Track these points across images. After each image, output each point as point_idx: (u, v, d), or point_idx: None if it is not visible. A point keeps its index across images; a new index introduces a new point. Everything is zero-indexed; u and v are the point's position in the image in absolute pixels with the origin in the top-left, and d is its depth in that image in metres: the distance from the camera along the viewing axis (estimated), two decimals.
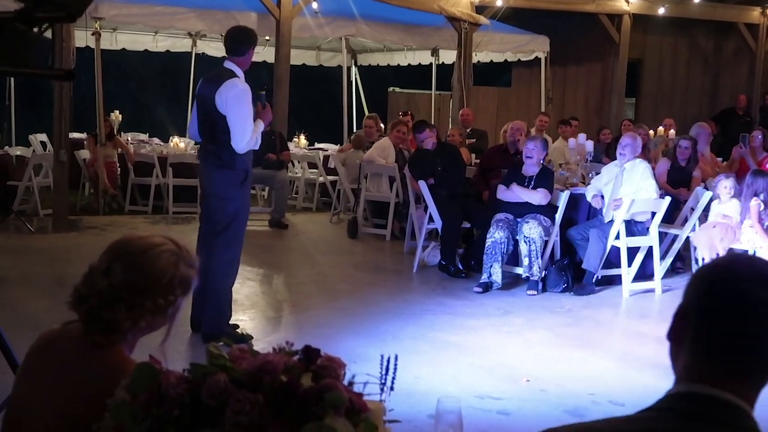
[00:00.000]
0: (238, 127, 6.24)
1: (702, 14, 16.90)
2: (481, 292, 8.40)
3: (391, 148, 11.54)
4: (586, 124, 15.66)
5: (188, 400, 1.82)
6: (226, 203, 6.44)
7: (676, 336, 1.76)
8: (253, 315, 7.45)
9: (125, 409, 1.90)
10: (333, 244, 11.15)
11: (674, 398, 1.71)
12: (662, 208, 8.62)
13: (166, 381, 1.86)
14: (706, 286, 1.72)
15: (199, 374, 1.86)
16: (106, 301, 2.31)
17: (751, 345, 1.67)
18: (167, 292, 2.37)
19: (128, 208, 12.87)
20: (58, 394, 2.29)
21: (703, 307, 1.70)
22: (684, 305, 1.76)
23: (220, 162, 6.40)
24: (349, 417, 1.82)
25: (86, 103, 13.92)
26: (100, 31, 13.00)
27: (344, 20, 14.16)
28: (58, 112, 11.06)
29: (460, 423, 2.51)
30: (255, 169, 7.64)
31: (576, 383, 5.96)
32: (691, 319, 1.72)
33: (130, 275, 2.33)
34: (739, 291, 1.67)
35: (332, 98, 18.70)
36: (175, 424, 1.81)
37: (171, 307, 2.39)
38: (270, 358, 1.86)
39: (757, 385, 1.70)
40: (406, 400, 5.01)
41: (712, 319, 1.68)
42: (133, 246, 2.40)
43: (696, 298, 1.73)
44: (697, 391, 1.68)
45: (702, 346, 1.70)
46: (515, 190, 8.76)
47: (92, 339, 2.33)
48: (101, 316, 2.31)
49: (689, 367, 1.72)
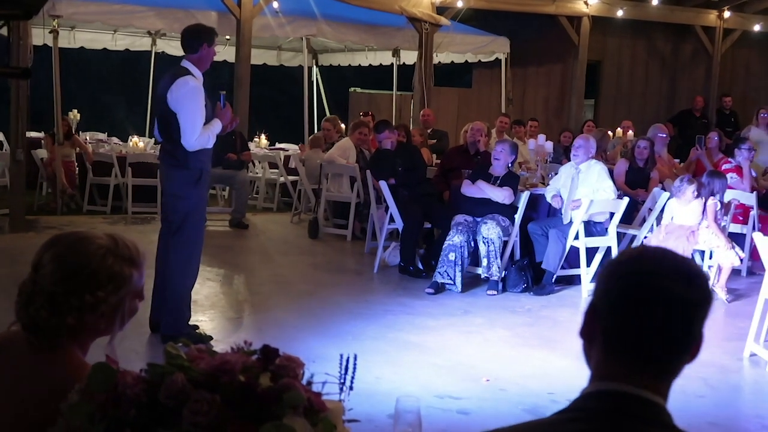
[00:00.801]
0: (187, 124, 6.19)
1: (660, 17, 17.10)
2: (433, 293, 8.39)
3: (353, 148, 11.54)
4: (545, 126, 15.77)
5: (145, 400, 1.81)
6: (179, 202, 6.39)
7: (587, 334, 1.76)
8: (213, 315, 7.41)
9: (81, 411, 1.88)
10: (294, 244, 11.13)
11: (588, 398, 1.70)
12: (621, 208, 8.71)
13: (122, 381, 1.84)
14: (614, 282, 1.71)
15: (156, 374, 1.85)
16: (28, 298, 2.22)
17: (660, 339, 1.67)
18: (94, 287, 2.22)
19: (87, 208, 12.76)
20: (9, 400, 2.24)
21: (612, 303, 1.69)
22: (593, 302, 1.75)
23: (174, 161, 6.35)
24: (308, 416, 1.82)
25: (44, 102, 13.76)
26: (58, 29, 12.84)
27: (305, 20, 14.14)
28: (15, 111, 10.92)
29: (419, 422, 2.52)
30: (215, 169, 7.62)
31: (535, 382, 5.99)
32: (600, 316, 1.72)
33: (54, 267, 2.21)
34: (646, 285, 1.66)
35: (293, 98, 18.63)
36: (132, 424, 1.79)
37: (105, 305, 2.24)
38: (228, 358, 1.86)
39: (668, 378, 1.71)
40: (366, 400, 5.01)
41: (620, 315, 1.68)
42: (64, 238, 2.29)
43: (604, 295, 1.72)
44: (609, 388, 1.68)
45: (612, 342, 1.70)
46: (481, 186, 8.79)
47: (31, 342, 2.24)
48: (27, 314, 2.22)
49: (601, 365, 1.72)
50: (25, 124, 11.21)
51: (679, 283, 1.65)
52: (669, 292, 1.65)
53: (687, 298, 1.66)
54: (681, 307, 1.66)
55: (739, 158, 10.23)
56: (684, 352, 1.70)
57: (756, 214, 9.74)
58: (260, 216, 13.22)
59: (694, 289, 1.67)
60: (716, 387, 6.13)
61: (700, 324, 1.69)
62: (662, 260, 1.69)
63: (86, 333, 2.30)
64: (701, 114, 16.56)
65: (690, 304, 1.67)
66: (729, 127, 15.84)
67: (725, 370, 6.48)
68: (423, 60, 14.44)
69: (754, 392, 6.31)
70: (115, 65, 21.08)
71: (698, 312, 1.68)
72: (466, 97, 18.44)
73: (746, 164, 10.17)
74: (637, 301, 1.66)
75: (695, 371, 6.26)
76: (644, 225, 9.19)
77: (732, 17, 17.57)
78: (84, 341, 2.33)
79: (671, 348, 1.68)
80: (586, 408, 1.69)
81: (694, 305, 1.67)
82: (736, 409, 5.95)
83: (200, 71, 6.38)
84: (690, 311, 1.67)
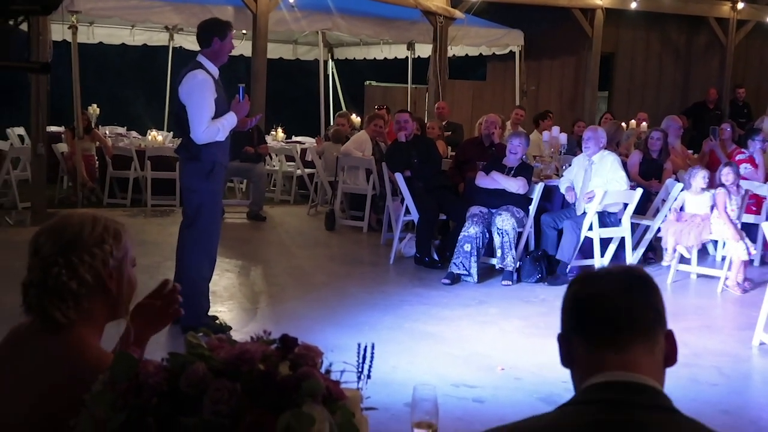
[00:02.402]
0: (195, 116, 6.20)
1: (673, 9, 17.00)
2: (450, 283, 8.40)
3: (368, 141, 11.53)
4: (559, 117, 15.69)
5: (167, 389, 1.82)
6: (192, 194, 6.40)
7: (568, 359, 1.93)
8: (231, 306, 7.44)
9: (104, 399, 1.89)
10: (310, 236, 11.14)
11: (589, 390, 1.82)
12: (634, 199, 8.69)
13: (144, 370, 1.85)
14: (571, 300, 1.93)
15: (177, 363, 1.86)
16: (43, 271, 2.26)
17: (625, 325, 1.84)
18: (98, 240, 2.31)
19: (107, 201, 12.82)
20: (26, 389, 2.26)
21: (575, 317, 1.91)
22: (563, 331, 1.95)
23: (188, 154, 6.37)
24: (327, 404, 1.83)
25: (64, 97, 13.82)
26: (77, 24, 12.90)
27: (320, 14, 14.14)
28: (36, 106, 10.97)
29: (435, 410, 2.53)
30: (233, 162, 7.63)
31: (550, 371, 5.97)
32: (572, 337, 1.91)
33: (53, 238, 2.29)
34: (596, 285, 1.91)
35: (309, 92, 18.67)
36: (154, 412, 1.81)
37: (112, 259, 2.33)
38: (248, 347, 1.86)
39: (648, 355, 1.84)
40: (383, 389, 5.03)
41: (585, 321, 1.89)
42: (50, 222, 2.37)
43: (568, 318, 1.93)
44: (607, 379, 1.79)
45: (584, 338, 1.88)
46: (495, 177, 8.79)
47: (50, 319, 2.27)
48: (46, 287, 2.26)
49: (586, 364, 1.87)
50: (46, 118, 11.26)
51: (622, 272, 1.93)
52: (618, 278, 1.91)
53: (634, 276, 1.90)
54: (636, 284, 1.89)
55: (753, 149, 10.19)
56: (648, 328, 1.86)
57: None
58: (277, 208, 13.24)
59: (634, 273, 1.93)
60: (729, 376, 6.11)
61: (656, 300, 1.89)
62: (608, 270, 1.99)
63: (97, 309, 2.34)
64: (715, 106, 16.47)
65: (640, 284, 1.89)
66: (742, 118, 15.78)
67: (738, 359, 6.47)
68: (437, 53, 14.42)
69: (766, 381, 6.29)
70: (134, 60, 21.15)
71: (649, 294, 1.89)
72: (481, 90, 18.40)
73: (760, 154, 10.12)
74: (597, 295, 1.89)
75: (708, 360, 6.26)
76: (657, 215, 9.16)
77: (745, 8, 17.46)
78: (96, 321, 2.36)
79: (638, 331, 1.84)
80: (584, 401, 1.80)
81: (643, 287, 1.89)
82: (749, 398, 5.93)
83: (215, 65, 6.37)
84: (643, 288, 1.89)
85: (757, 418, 5.37)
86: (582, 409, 1.77)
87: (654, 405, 1.74)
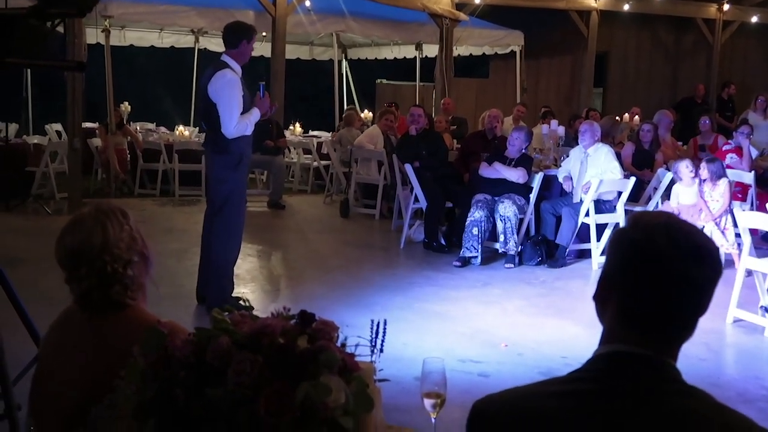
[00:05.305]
0: (225, 113, 6.21)
1: (663, 10, 16.88)
2: (460, 266, 8.40)
3: (380, 135, 11.52)
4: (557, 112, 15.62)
5: (193, 361, 1.81)
6: (221, 185, 6.41)
7: (601, 299, 1.71)
8: (253, 288, 7.44)
9: (136, 371, 1.89)
10: (326, 223, 11.13)
11: (599, 359, 1.66)
12: (628, 187, 8.65)
13: (172, 344, 1.85)
14: (627, 258, 1.64)
15: (203, 337, 1.85)
16: (99, 276, 2.33)
17: (672, 314, 1.62)
18: (119, 224, 2.38)
19: (137, 191, 12.84)
20: (96, 360, 2.29)
21: (626, 278, 1.64)
22: (606, 272, 1.69)
23: (217, 147, 6.37)
24: (342, 375, 1.82)
25: (98, 95, 13.84)
26: (110, 28, 12.92)
27: (335, 17, 14.11)
28: (72, 103, 10.98)
29: (444, 381, 2.51)
30: (254, 154, 7.63)
31: (550, 347, 5.98)
32: (613, 287, 1.67)
33: (89, 244, 2.33)
34: (660, 266, 1.59)
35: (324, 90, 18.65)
36: (182, 384, 1.80)
37: (134, 231, 2.41)
38: (269, 322, 1.86)
39: (677, 343, 1.66)
40: (394, 364, 5.02)
41: (634, 292, 1.62)
42: (71, 237, 2.39)
43: (618, 269, 1.66)
44: (619, 350, 1.63)
45: (625, 312, 1.64)
46: (497, 167, 8.77)
47: (118, 305, 2.35)
48: (108, 285, 2.34)
49: (613, 329, 1.67)
50: (81, 115, 11.28)
51: (693, 264, 1.59)
52: (683, 274, 1.59)
53: (700, 277, 1.60)
54: (694, 287, 1.61)
55: (739, 138, 10.12)
56: (695, 319, 1.66)
57: (754, 192, 9.62)
58: (295, 197, 13.23)
59: (706, 267, 1.61)
60: (717, 351, 6.09)
61: (711, 295, 1.64)
62: (675, 238, 1.60)
63: (143, 276, 2.42)
64: (702, 101, 16.35)
65: (704, 282, 1.62)
66: (728, 112, 15.70)
67: (721, 334, 6.47)
68: (444, 53, 14.35)
69: (749, 355, 6.25)
70: (162, 61, 21.14)
71: (710, 287, 1.63)
72: (484, 87, 18.34)
73: (746, 143, 10.05)
74: (652, 282, 1.60)
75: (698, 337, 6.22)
76: (650, 203, 9.12)
77: (731, 9, 17.33)
78: (144, 287, 2.44)
79: (684, 320, 1.64)
80: (595, 369, 1.65)
81: (707, 281, 1.62)
82: (735, 371, 5.91)
83: (239, 65, 6.37)
84: (703, 288, 1.62)
85: (743, 390, 5.34)
86: (584, 376, 1.66)
87: (665, 377, 1.62)
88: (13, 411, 3.19)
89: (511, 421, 1.63)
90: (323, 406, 1.74)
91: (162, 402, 1.79)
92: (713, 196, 8.23)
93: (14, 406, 3.20)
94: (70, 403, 2.29)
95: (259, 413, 1.72)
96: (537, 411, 1.62)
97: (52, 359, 2.42)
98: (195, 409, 1.75)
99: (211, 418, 1.74)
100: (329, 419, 1.75)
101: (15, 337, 3.47)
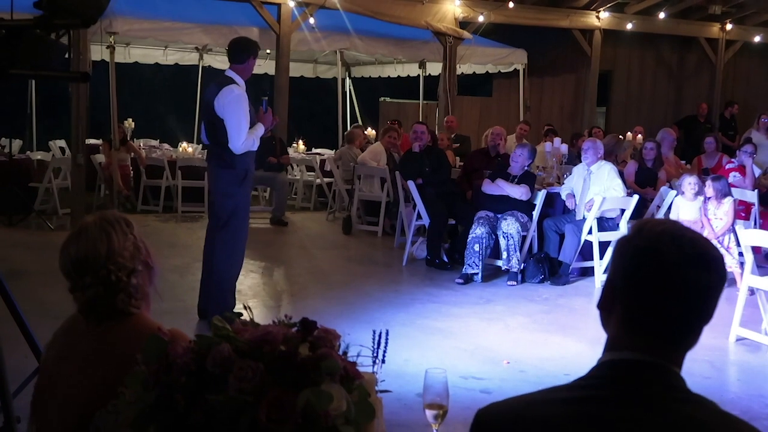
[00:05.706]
0: (233, 129, 6.23)
1: (666, 29, 16.93)
2: (463, 283, 8.38)
3: (383, 152, 11.53)
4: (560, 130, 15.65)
5: (194, 368, 1.80)
6: (226, 200, 6.42)
7: (606, 306, 1.70)
8: (255, 304, 7.42)
9: (137, 378, 1.88)
10: (329, 239, 11.13)
11: (603, 366, 1.65)
12: (631, 205, 8.65)
13: (173, 351, 1.84)
14: (632, 265, 1.63)
15: (204, 345, 1.84)
16: (104, 284, 2.34)
17: (677, 321, 1.61)
18: (123, 233, 2.39)
19: (140, 207, 12.85)
20: (85, 376, 2.29)
21: (631, 286, 1.62)
22: (611, 280, 1.68)
23: (222, 162, 6.38)
24: (344, 383, 1.81)
25: (102, 112, 13.88)
26: (114, 45, 12.94)
27: (339, 35, 14.14)
28: (76, 120, 11.02)
29: (446, 392, 2.50)
30: (257, 171, 7.64)
31: (552, 364, 5.95)
32: (618, 294, 1.65)
33: (93, 254, 2.34)
34: (665, 272, 1.58)
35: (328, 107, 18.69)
36: (182, 390, 1.79)
37: (138, 240, 2.42)
38: (270, 330, 1.85)
39: (683, 350, 1.65)
40: (395, 380, 5.00)
41: (639, 299, 1.61)
42: (75, 247, 2.39)
43: (623, 277, 1.64)
44: (624, 357, 1.62)
45: (631, 322, 1.63)
46: (500, 183, 8.78)
47: (121, 313, 2.36)
48: (112, 294, 2.35)
49: (618, 337, 1.66)
50: (85, 131, 11.31)
51: (698, 270, 1.58)
52: (688, 281, 1.58)
53: (705, 283, 1.59)
54: (700, 294, 1.60)
55: (742, 157, 10.13)
56: (700, 326, 1.65)
57: (757, 211, 9.61)
58: (298, 214, 13.23)
59: (711, 273, 1.60)
60: (720, 369, 6.06)
61: (716, 301, 1.63)
62: (680, 245, 1.59)
63: (147, 285, 2.43)
64: (705, 119, 16.38)
65: (709, 288, 1.60)
66: (730, 131, 15.72)
67: (724, 352, 6.45)
68: (447, 71, 14.39)
69: (752, 373, 6.22)
70: (166, 78, 21.22)
71: (715, 293, 1.62)
72: (487, 105, 18.36)
73: (749, 162, 10.05)
74: (658, 289, 1.59)
75: (702, 354, 6.19)
76: None
77: (734, 29, 17.38)
78: (149, 296, 2.45)
79: (690, 327, 1.63)
80: (600, 376, 1.64)
81: (713, 288, 1.61)
82: (738, 389, 5.88)
83: (243, 80, 6.40)
84: (708, 294, 1.61)
85: (747, 408, 5.31)
86: (588, 384, 1.64)
87: (669, 385, 1.61)
88: (12, 423, 3.18)
89: (514, 429, 1.62)
90: (324, 414, 1.73)
91: (162, 408, 1.78)
92: (717, 214, 8.22)
93: (14, 419, 3.19)
94: (73, 410, 2.29)
95: (261, 420, 1.70)
96: (541, 419, 1.61)
97: (56, 367, 2.41)
98: (195, 415, 1.74)
99: (211, 425, 1.73)
100: (330, 427, 1.74)
101: (16, 351, 3.46)
